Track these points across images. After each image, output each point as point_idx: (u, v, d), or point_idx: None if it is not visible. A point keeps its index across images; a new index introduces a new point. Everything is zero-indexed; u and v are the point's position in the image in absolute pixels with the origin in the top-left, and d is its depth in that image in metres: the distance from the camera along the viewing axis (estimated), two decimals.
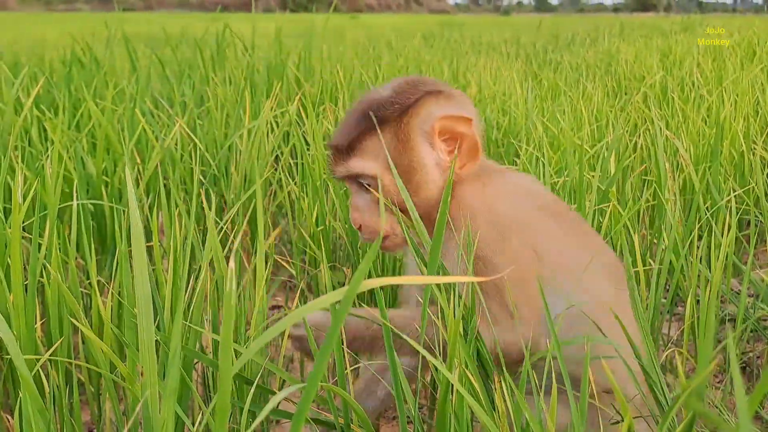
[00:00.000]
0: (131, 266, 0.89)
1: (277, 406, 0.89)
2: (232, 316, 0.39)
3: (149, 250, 1.23)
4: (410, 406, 0.65)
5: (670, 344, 1.23)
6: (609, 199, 1.25)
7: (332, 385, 0.59)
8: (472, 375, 0.57)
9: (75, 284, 0.98)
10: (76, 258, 1.21)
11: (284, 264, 1.41)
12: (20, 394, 0.62)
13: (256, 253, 0.96)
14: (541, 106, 2.27)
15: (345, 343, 0.76)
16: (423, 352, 0.59)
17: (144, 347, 0.51)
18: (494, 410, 0.59)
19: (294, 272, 1.39)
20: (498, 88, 2.62)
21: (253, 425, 0.39)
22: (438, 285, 0.67)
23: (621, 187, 1.41)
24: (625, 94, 2.75)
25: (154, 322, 0.89)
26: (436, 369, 0.61)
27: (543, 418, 0.59)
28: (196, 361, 0.99)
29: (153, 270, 1.21)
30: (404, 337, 0.65)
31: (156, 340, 0.84)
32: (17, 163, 1.28)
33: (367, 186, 0.84)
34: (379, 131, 0.81)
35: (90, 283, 1.03)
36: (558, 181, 1.37)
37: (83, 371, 0.92)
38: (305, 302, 1.34)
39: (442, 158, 0.83)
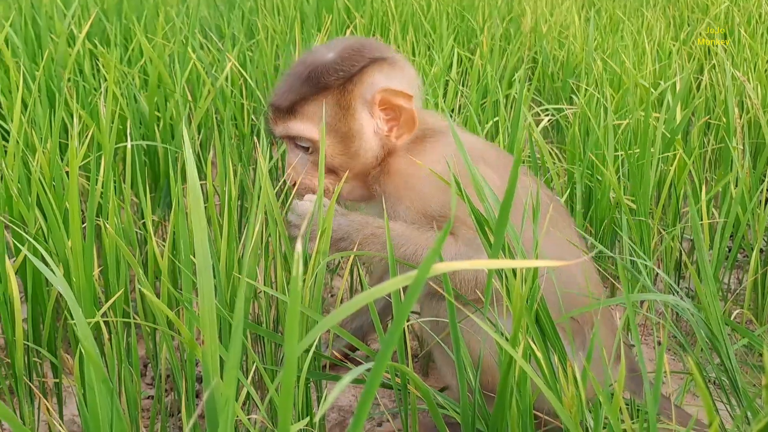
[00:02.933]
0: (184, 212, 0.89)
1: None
2: (298, 302, 0.37)
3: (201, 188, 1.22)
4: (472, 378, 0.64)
5: (729, 296, 1.20)
6: (674, 147, 1.20)
7: (397, 364, 0.58)
8: (537, 347, 0.56)
9: (130, 226, 0.98)
10: (131, 198, 1.21)
11: None
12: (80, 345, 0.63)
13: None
14: (601, 39, 2.18)
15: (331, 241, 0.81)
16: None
17: (204, 313, 0.51)
18: (557, 381, 0.57)
19: None
20: (555, 18, 2.52)
21: (334, 394, 0.38)
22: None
23: (685, 135, 1.35)
24: (688, 25, 2.63)
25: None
26: (499, 345, 0.59)
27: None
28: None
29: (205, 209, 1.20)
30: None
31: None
32: (71, 98, 1.28)
33: (304, 147, 0.89)
34: (322, 97, 0.85)
35: (144, 224, 1.03)
36: (620, 124, 1.32)
37: (140, 313, 0.92)
38: None
39: (380, 127, 0.87)
